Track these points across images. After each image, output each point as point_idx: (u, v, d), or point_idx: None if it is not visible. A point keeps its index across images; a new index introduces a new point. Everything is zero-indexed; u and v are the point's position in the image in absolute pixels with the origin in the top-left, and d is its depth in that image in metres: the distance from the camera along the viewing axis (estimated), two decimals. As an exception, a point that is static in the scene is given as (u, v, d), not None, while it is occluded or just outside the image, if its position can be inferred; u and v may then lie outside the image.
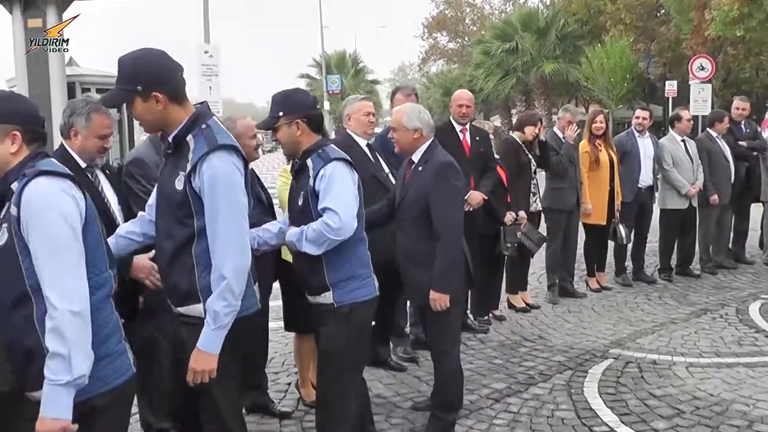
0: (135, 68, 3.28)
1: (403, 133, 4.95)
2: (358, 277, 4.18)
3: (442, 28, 57.75)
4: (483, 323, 7.60)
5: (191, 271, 3.37)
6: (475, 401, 5.66)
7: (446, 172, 4.81)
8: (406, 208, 4.94)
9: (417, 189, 4.85)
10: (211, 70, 17.75)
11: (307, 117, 4.13)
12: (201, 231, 3.32)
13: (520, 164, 7.85)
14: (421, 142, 4.93)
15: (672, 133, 9.63)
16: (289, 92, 4.25)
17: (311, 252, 4.01)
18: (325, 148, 4.14)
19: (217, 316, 3.25)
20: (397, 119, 4.98)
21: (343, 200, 4.01)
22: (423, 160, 4.92)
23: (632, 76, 34.30)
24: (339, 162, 4.08)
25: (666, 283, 9.45)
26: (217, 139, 3.31)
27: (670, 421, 5.20)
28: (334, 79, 44.89)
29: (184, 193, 3.30)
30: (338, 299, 4.12)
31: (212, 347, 3.30)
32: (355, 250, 4.18)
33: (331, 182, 4.01)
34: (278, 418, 5.37)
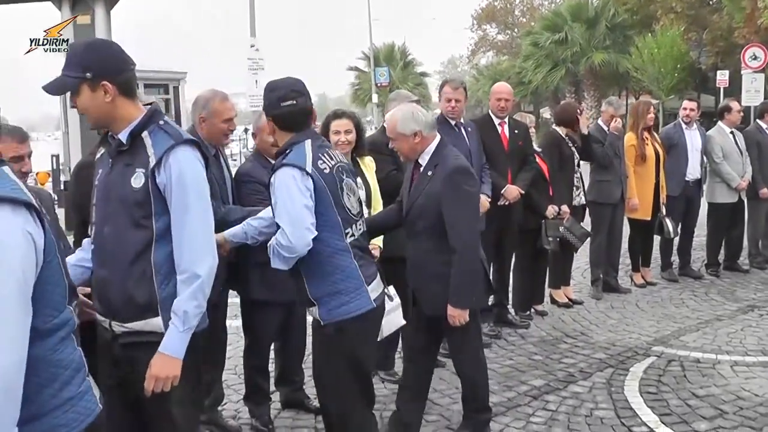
0: (85, 55, 3.04)
1: (402, 140, 4.60)
2: (344, 292, 3.78)
3: (491, 19, 57.51)
4: (524, 318, 7.54)
5: (150, 281, 3.09)
6: (513, 398, 5.60)
7: (459, 177, 4.49)
8: (415, 216, 4.62)
9: (427, 196, 4.53)
10: (257, 64, 17.85)
11: (275, 116, 3.82)
12: (161, 234, 3.08)
13: (563, 157, 7.75)
14: (426, 143, 4.60)
15: (721, 124, 9.43)
16: (273, 84, 3.87)
17: (279, 267, 3.75)
18: (295, 146, 3.76)
19: (187, 317, 3.04)
20: (392, 127, 4.64)
21: (289, 213, 3.64)
22: (432, 163, 4.58)
23: (683, 66, 33.84)
24: (287, 169, 3.68)
25: (713, 278, 9.27)
26: (181, 134, 3.15)
27: (711, 422, 5.09)
28: (382, 72, 44.80)
29: (144, 191, 3.07)
30: (324, 317, 3.82)
31: (178, 351, 3.07)
32: (336, 262, 3.79)
33: (276, 193, 3.69)
34: (314, 413, 5.36)
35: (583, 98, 40.33)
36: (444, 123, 6.52)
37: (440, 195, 4.44)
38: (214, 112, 4.67)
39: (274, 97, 3.80)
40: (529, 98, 47.34)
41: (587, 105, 39.03)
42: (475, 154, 6.53)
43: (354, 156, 5.43)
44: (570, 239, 7.61)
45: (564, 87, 42.41)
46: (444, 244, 4.45)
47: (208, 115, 4.66)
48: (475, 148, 6.59)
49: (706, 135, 9.34)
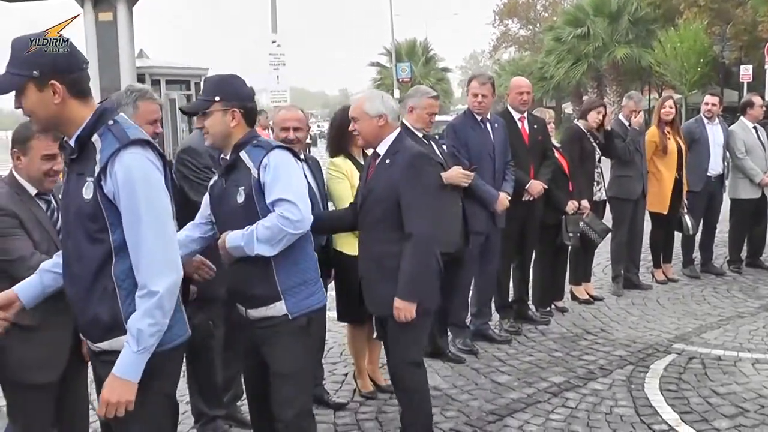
0: (32, 52, 2.79)
1: (366, 121, 4.39)
2: (311, 282, 3.72)
3: (513, 14, 57.39)
4: (545, 314, 7.52)
5: (113, 297, 2.86)
6: (533, 395, 5.59)
7: (419, 164, 4.30)
8: (370, 206, 4.37)
9: (384, 185, 4.29)
10: (279, 60, 17.92)
11: (245, 108, 3.68)
12: (120, 247, 2.84)
13: (584, 152, 7.71)
14: (387, 131, 4.38)
15: (743, 119, 9.34)
16: (227, 77, 3.77)
17: (265, 253, 3.51)
18: (259, 138, 3.69)
19: (141, 335, 2.78)
20: (358, 106, 4.42)
21: (297, 189, 3.57)
22: (391, 151, 4.36)
23: (706, 60, 33.54)
24: (282, 150, 3.65)
25: (735, 275, 9.19)
26: (128, 134, 2.84)
27: (733, 420, 5.05)
28: (404, 67, 44.79)
29: (94, 202, 2.82)
30: (293, 309, 3.64)
31: (132, 373, 2.80)
32: (306, 250, 3.73)
33: (279, 171, 3.54)
34: (333, 409, 5.38)
35: (606, 93, 40.12)
36: (469, 117, 6.53)
37: (398, 181, 4.22)
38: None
39: (248, 91, 3.78)
40: (551, 93, 47.16)
41: (609, 100, 38.77)
42: (499, 150, 6.53)
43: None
44: (590, 235, 7.59)
45: (586, 82, 42.21)
46: (399, 236, 4.21)
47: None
48: (500, 144, 6.58)
49: (729, 130, 9.25)
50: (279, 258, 3.58)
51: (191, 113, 4.03)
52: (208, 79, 3.84)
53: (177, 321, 2.98)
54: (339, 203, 5.30)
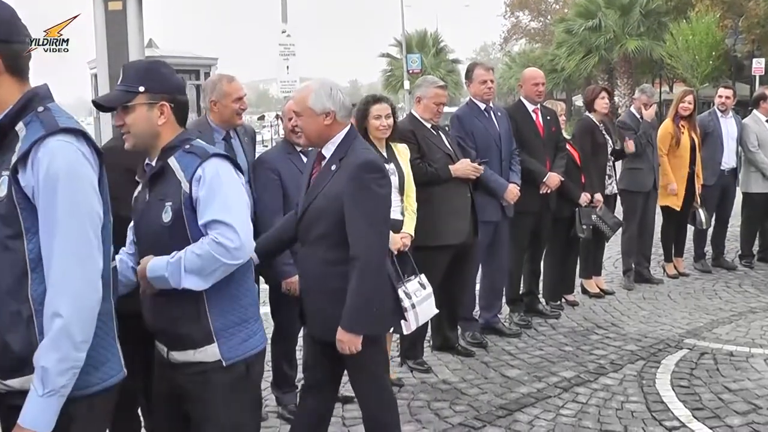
0: None
1: (310, 118, 3.74)
2: (251, 320, 3.06)
3: (524, 6, 57.28)
4: (555, 308, 7.49)
5: (28, 324, 2.34)
6: (543, 389, 5.54)
7: (368, 174, 3.65)
8: (311, 219, 3.77)
9: (328, 195, 3.69)
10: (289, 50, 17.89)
11: (176, 102, 3.00)
12: (38, 260, 2.33)
13: (596, 144, 7.64)
14: (335, 130, 3.76)
15: (756, 113, 9.25)
16: (154, 63, 3.11)
17: (194, 287, 2.84)
18: (194, 141, 3.01)
19: (47, 375, 2.25)
20: (302, 99, 3.77)
21: (237, 210, 2.89)
22: (338, 155, 3.75)
23: (718, 53, 33.43)
24: (220, 159, 2.96)
25: (747, 269, 9.13)
26: (59, 122, 2.38)
27: (745, 416, 4.99)
28: (414, 59, 44.65)
29: (8, 200, 2.32)
30: (228, 354, 2.96)
31: (38, 422, 2.26)
32: (246, 281, 3.07)
33: (216, 185, 2.86)
34: (341, 402, 5.34)
35: (617, 86, 39.97)
36: (473, 107, 6.48)
37: (343, 193, 3.63)
38: (223, 93, 4.76)
39: (179, 81, 3.10)
40: (561, 86, 47.05)
41: (620, 93, 38.71)
42: (504, 139, 6.49)
43: (387, 142, 5.41)
44: (602, 228, 7.54)
45: (597, 74, 42.04)
46: (345, 254, 3.62)
47: (219, 98, 4.76)
48: (505, 133, 6.54)
49: (741, 123, 9.18)
50: (212, 292, 2.91)
51: (109, 108, 3.09)
52: (130, 66, 3.14)
53: (107, 358, 2.50)
54: None
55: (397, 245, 5.29)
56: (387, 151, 5.40)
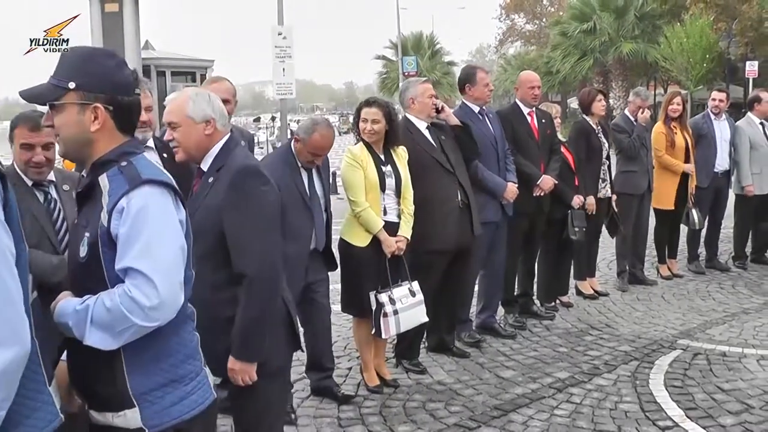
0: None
1: (189, 128, 3.32)
2: (184, 379, 2.51)
3: (519, 9, 57.48)
4: (549, 309, 7.52)
5: None
6: (537, 390, 5.57)
7: (249, 180, 3.25)
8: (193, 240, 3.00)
9: (207, 208, 3.24)
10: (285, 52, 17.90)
11: (115, 104, 2.44)
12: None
13: (591, 148, 7.68)
14: (215, 139, 3.35)
15: (750, 115, 9.31)
16: (93, 53, 2.54)
17: (101, 345, 2.29)
18: (134, 159, 2.45)
19: None
20: (178, 108, 3.33)
21: (163, 258, 2.33)
22: (215, 166, 3.33)
23: (712, 56, 33.48)
24: (154, 187, 2.39)
25: (740, 271, 9.17)
26: None
27: (738, 416, 5.03)
28: (410, 61, 44.71)
29: None
30: (152, 421, 2.43)
31: None
32: (178, 334, 2.51)
33: (141, 223, 2.31)
34: (339, 402, 5.38)
35: (611, 88, 40.05)
36: (467, 110, 6.53)
37: (222, 208, 3.20)
38: None
39: (123, 78, 2.49)
40: (556, 88, 47.10)
41: (615, 95, 38.77)
42: (499, 140, 6.55)
43: (386, 145, 5.45)
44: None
45: (592, 77, 42.09)
46: (232, 278, 3.20)
47: None
48: (499, 135, 6.60)
49: (735, 126, 9.24)
50: (131, 348, 2.36)
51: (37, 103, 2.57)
52: (66, 54, 2.54)
53: (36, 407, 2.14)
54: (350, 191, 5.33)
55: (391, 249, 5.33)
56: (384, 153, 5.44)
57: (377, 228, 5.31)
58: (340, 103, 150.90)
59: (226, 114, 3.47)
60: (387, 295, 5.34)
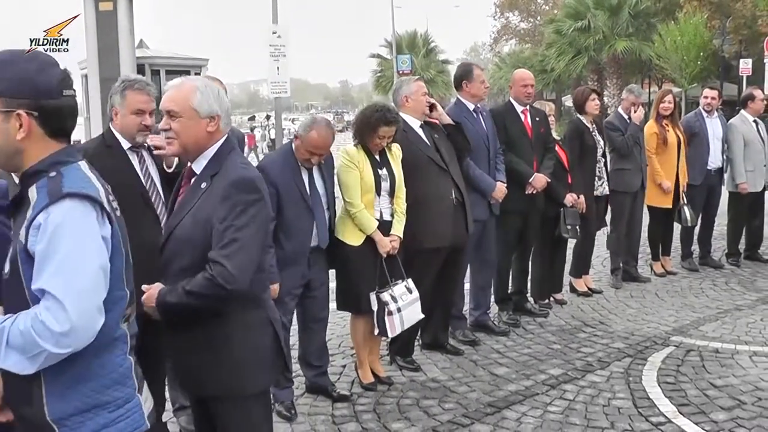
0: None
1: (192, 121, 3.09)
2: (110, 405, 2.35)
3: (514, 7, 57.59)
4: (543, 307, 7.53)
5: None
6: (530, 387, 5.60)
7: (244, 195, 3.00)
8: (175, 248, 3.10)
9: (196, 218, 3.03)
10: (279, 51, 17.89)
11: (42, 109, 2.29)
12: None
13: (585, 147, 7.70)
14: (215, 138, 3.14)
15: (744, 113, 9.34)
16: (13, 55, 2.33)
17: (17, 369, 2.17)
18: (64, 169, 2.30)
19: None
20: (183, 98, 3.09)
21: (78, 280, 2.16)
22: (210, 171, 3.11)
23: (706, 54, 33.58)
24: (76, 201, 2.23)
25: (733, 268, 9.21)
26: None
27: (730, 412, 5.06)
28: (404, 59, 44.71)
29: None
30: None
31: None
32: (105, 356, 2.35)
33: (57, 241, 2.16)
34: (334, 400, 5.38)
35: (606, 86, 40.13)
36: (461, 107, 6.54)
37: (213, 217, 2.98)
38: None
39: (48, 80, 2.31)
40: (551, 86, 47.17)
41: (609, 93, 38.87)
42: (491, 138, 6.57)
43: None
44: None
45: (586, 75, 42.15)
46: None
47: None
48: (491, 132, 6.62)
49: (729, 123, 9.27)
50: (50, 372, 2.24)
51: None
52: None
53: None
54: (346, 192, 5.34)
55: (386, 249, 5.35)
56: (380, 154, 5.46)
57: (371, 229, 5.32)
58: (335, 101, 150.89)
59: (230, 113, 3.29)
60: (389, 293, 5.36)
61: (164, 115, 3.13)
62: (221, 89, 3.26)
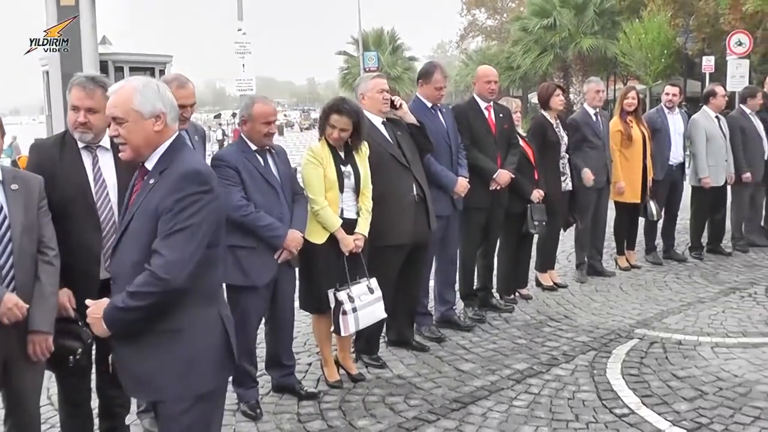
0: None
1: (137, 124, 3.03)
2: None
3: (480, 4, 57.81)
4: (509, 302, 7.55)
5: None
6: (496, 382, 5.61)
7: (193, 187, 2.96)
8: (125, 245, 3.07)
9: (144, 212, 2.99)
10: (245, 48, 17.82)
11: None
12: None
13: (548, 143, 7.73)
14: (165, 136, 3.08)
15: (706, 108, 9.44)
16: None
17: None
18: None
19: None
20: (123, 100, 3.03)
21: None
22: (159, 167, 3.06)
23: (670, 51, 34.00)
24: None
25: (696, 261, 9.30)
26: None
27: (692, 402, 5.12)
28: (371, 57, 44.71)
29: None
30: None
31: None
32: None
33: None
34: (301, 398, 5.34)
35: (572, 83, 40.44)
36: (420, 104, 6.53)
37: (160, 210, 2.94)
38: None
39: None
40: (517, 83, 47.46)
41: (575, 90, 39.14)
42: (452, 134, 6.57)
43: (348, 143, 5.46)
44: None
45: (552, 72, 42.47)
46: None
47: None
48: (452, 129, 6.61)
49: (691, 119, 9.37)
50: None
51: None
52: None
53: None
54: (309, 189, 5.31)
55: (349, 247, 5.33)
56: (345, 152, 5.44)
57: (335, 227, 5.30)
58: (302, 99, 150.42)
59: (177, 106, 3.19)
60: (346, 293, 5.33)
61: (111, 122, 3.08)
62: (162, 85, 3.18)
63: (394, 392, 5.47)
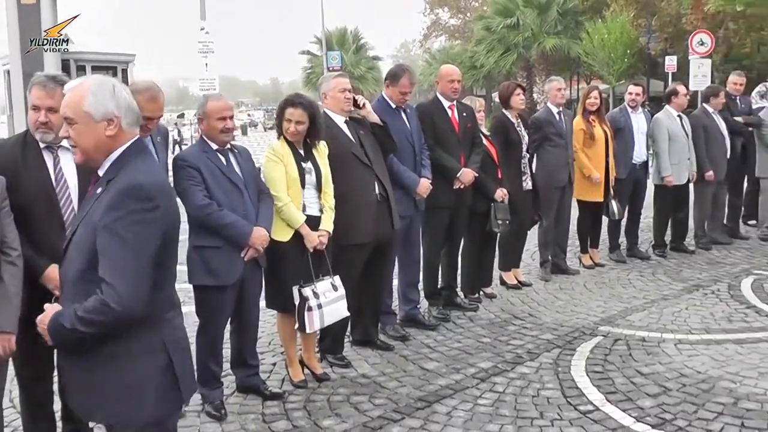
0: None
1: (87, 127, 2.83)
2: None
3: (444, 3, 57.90)
4: (473, 301, 7.56)
5: None
6: (461, 381, 5.60)
7: (132, 203, 2.72)
8: (72, 253, 2.89)
9: (86, 227, 2.81)
10: (208, 47, 17.73)
11: None
12: None
13: (509, 142, 7.74)
14: (120, 141, 2.86)
15: (668, 108, 9.52)
16: None
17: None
18: None
19: None
20: (75, 102, 2.83)
21: None
22: (108, 175, 2.85)
23: (633, 51, 34.33)
24: None
25: (660, 259, 9.38)
26: None
27: (656, 398, 5.15)
28: (334, 56, 44.64)
29: None
30: None
31: None
32: None
33: None
34: (265, 399, 5.31)
35: (535, 83, 40.71)
36: (384, 105, 6.51)
37: (99, 225, 2.74)
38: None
39: None
40: (481, 82, 47.67)
41: (539, 89, 39.40)
42: (415, 135, 6.55)
43: (307, 141, 5.42)
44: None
45: (516, 71, 42.71)
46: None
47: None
48: (416, 130, 6.60)
49: (654, 118, 9.44)
50: None
51: None
52: None
53: None
54: (272, 186, 5.29)
55: (313, 243, 5.31)
56: (305, 149, 5.41)
57: (299, 223, 5.28)
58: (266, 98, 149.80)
59: (136, 109, 2.94)
60: (311, 289, 5.31)
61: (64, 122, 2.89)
62: (120, 86, 2.93)
63: (359, 391, 5.45)
